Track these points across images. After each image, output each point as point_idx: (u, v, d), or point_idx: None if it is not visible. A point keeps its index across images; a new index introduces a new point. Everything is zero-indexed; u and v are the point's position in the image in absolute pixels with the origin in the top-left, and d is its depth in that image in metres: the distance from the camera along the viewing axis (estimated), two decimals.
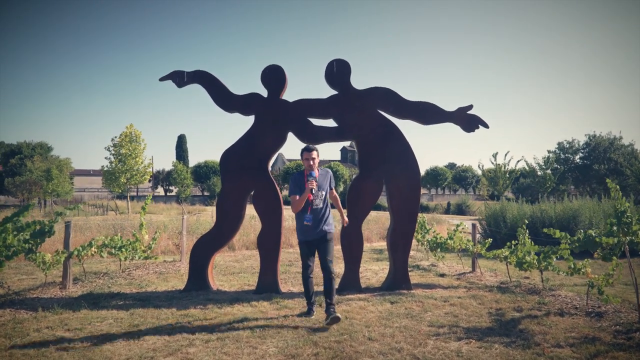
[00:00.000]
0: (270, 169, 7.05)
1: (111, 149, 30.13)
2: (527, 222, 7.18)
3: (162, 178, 63.66)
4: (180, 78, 6.95)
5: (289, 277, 8.15)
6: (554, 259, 6.72)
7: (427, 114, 7.08)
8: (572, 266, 6.11)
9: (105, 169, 30.61)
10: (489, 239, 8.47)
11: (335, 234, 8.43)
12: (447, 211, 38.14)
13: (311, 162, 5.30)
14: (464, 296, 6.51)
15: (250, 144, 6.90)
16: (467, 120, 7.06)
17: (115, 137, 30.12)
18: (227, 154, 6.92)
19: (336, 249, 9.91)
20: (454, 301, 6.19)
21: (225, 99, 7.02)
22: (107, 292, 6.70)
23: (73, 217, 24.96)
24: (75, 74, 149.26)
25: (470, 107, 7.08)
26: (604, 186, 41.54)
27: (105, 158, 30.31)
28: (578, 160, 43.63)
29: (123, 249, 7.74)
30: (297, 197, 5.30)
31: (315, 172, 5.31)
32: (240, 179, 6.86)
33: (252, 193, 6.90)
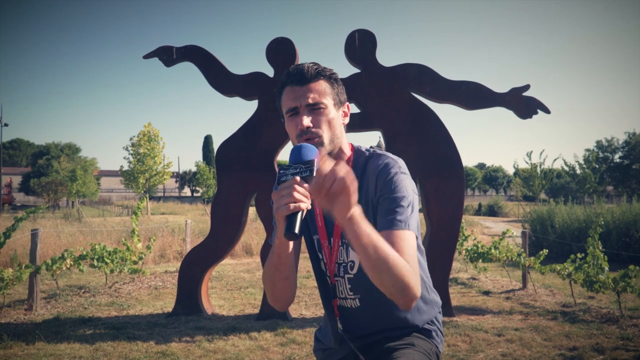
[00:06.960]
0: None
1: (130, 148, 29.37)
2: (600, 230, 5.69)
3: (188, 179, 63.31)
4: (168, 55, 5.72)
5: (304, 295, 6.85)
6: (634, 279, 5.37)
7: (473, 96, 5.68)
8: None
9: (124, 169, 29.87)
10: (544, 250, 6.98)
11: None
12: (478, 212, 36.46)
13: (305, 120, 1.46)
14: (523, 327, 5.08)
15: (252, 134, 5.63)
16: (523, 104, 5.63)
17: (134, 136, 29.35)
18: (225, 147, 5.66)
19: None
20: (510, 335, 4.78)
21: (223, 80, 5.75)
22: (77, 317, 5.49)
23: (94, 217, 24.15)
24: (107, 75, 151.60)
25: (527, 87, 5.67)
26: None
27: (124, 158, 29.60)
28: (617, 159, 41.60)
29: (107, 261, 6.55)
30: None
31: (319, 155, 1.24)
32: (241, 177, 5.59)
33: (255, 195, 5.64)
